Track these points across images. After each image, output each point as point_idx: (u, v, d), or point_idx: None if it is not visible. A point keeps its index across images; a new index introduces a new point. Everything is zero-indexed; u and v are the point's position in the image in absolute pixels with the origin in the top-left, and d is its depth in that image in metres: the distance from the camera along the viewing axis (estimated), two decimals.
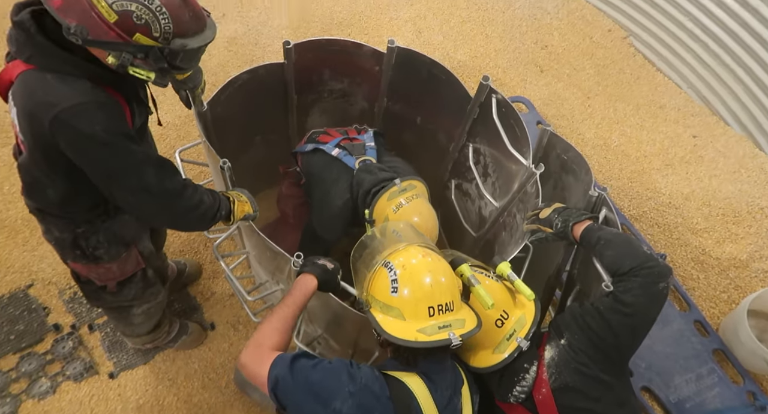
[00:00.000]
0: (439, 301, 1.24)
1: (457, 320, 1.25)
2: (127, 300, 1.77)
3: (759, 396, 2.20)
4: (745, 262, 2.56)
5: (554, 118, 3.17)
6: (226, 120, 2.19)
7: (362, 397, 1.16)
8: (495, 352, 1.37)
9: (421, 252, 1.33)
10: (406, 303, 1.25)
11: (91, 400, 2.09)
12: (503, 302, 1.42)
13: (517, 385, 1.36)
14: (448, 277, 1.30)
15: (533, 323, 1.39)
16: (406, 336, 1.21)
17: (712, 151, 3.00)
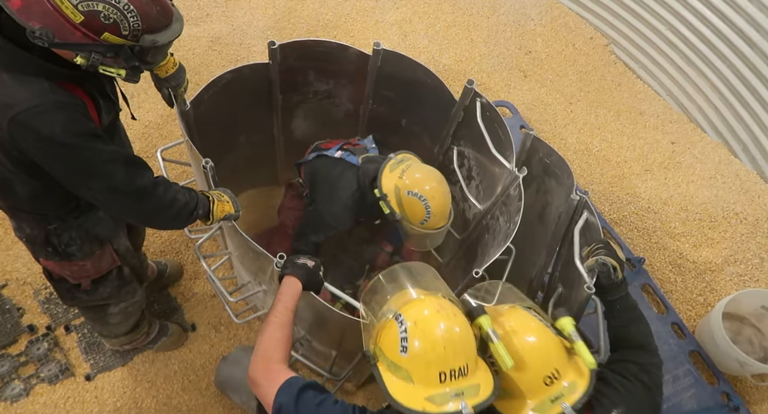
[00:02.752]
0: (453, 365, 1.13)
1: (471, 386, 1.13)
2: (103, 299, 1.73)
3: (733, 396, 2.25)
4: (720, 265, 2.62)
5: (537, 122, 3.22)
6: (209, 119, 2.17)
7: None
8: (535, 410, 1.21)
9: (435, 305, 1.21)
10: (415, 365, 1.14)
11: (66, 402, 2.04)
12: (557, 359, 1.26)
13: None
14: (464, 336, 1.18)
15: (585, 394, 1.22)
16: (413, 405, 1.11)
17: (689, 157, 3.07)
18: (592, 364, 1.23)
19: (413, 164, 1.94)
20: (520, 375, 1.22)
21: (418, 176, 1.88)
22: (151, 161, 2.74)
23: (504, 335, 1.25)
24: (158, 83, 1.80)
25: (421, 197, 1.84)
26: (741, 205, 2.82)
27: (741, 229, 2.73)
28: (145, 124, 2.89)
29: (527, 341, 1.25)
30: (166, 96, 1.82)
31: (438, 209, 1.86)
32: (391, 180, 1.90)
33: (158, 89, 1.83)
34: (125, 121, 2.84)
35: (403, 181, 1.87)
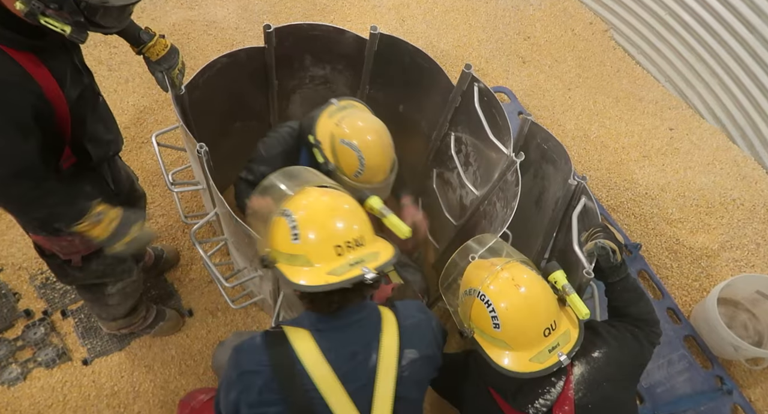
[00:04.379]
0: (346, 237, 1.16)
1: (370, 254, 1.17)
2: (97, 276, 1.72)
3: (726, 380, 2.27)
4: (716, 251, 2.63)
5: (535, 108, 3.20)
6: (204, 104, 2.15)
7: (244, 379, 1.18)
8: (532, 360, 1.28)
9: (318, 192, 1.24)
10: (310, 247, 1.15)
11: (63, 386, 2.05)
12: (555, 310, 1.34)
13: (540, 398, 1.30)
14: (353, 211, 1.23)
15: (577, 343, 1.31)
16: (316, 281, 1.12)
17: (687, 143, 3.07)
18: (586, 314, 1.31)
19: (355, 112, 1.80)
20: (524, 327, 1.28)
21: (355, 125, 1.74)
22: (146, 146, 2.75)
23: (509, 288, 1.31)
24: (151, 67, 1.78)
25: (355, 147, 1.70)
26: (738, 191, 2.82)
27: (738, 215, 2.73)
28: (139, 109, 2.87)
29: (531, 294, 1.30)
30: (160, 80, 1.80)
31: (373, 162, 1.72)
32: (328, 127, 1.77)
33: (151, 73, 1.81)
34: (120, 106, 2.86)
35: (339, 129, 1.73)
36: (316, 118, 1.81)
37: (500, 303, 1.29)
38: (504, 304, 1.29)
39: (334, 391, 1.16)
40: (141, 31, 1.69)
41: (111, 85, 2.93)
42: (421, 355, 1.27)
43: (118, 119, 2.76)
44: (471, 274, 1.42)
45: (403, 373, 1.23)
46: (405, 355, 1.24)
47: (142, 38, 1.68)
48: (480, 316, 1.32)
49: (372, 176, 1.76)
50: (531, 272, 1.37)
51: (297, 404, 1.16)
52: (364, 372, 1.20)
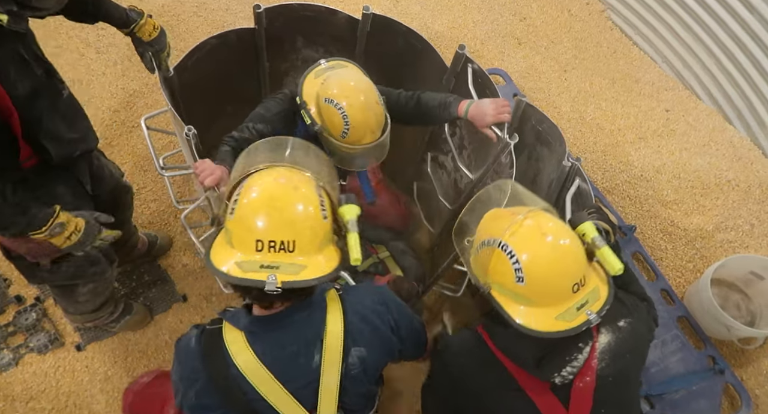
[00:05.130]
0: (273, 237, 1.04)
1: (290, 264, 1.05)
2: (67, 278, 1.66)
3: (718, 360, 2.29)
4: (710, 232, 2.63)
5: (531, 91, 3.16)
6: (194, 87, 2.12)
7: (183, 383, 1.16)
8: (558, 318, 1.13)
9: (274, 173, 1.13)
10: (236, 227, 1.07)
11: (56, 371, 2.05)
12: (585, 265, 1.18)
13: (568, 365, 1.17)
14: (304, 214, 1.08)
15: (607, 301, 1.17)
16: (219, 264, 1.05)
17: (683, 124, 3.05)
18: (620, 269, 1.16)
19: (340, 71, 1.74)
20: (551, 281, 1.14)
21: (340, 83, 1.68)
22: (137, 131, 2.71)
23: (534, 237, 1.16)
24: (139, 48, 1.74)
25: (338, 106, 1.64)
26: (734, 172, 2.81)
27: (733, 196, 2.73)
28: (129, 93, 2.82)
29: (559, 243, 1.16)
30: (148, 61, 1.76)
31: (358, 121, 1.66)
32: (313, 86, 1.73)
33: (139, 55, 1.77)
34: (109, 89, 2.81)
35: (323, 88, 1.68)
36: (303, 79, 1.77)
37: (524, 253, 1.14)
38: (529, 255, 1.14)
39: (275, 392, 1.14)
40: (128, 11, 1.65)
41: (99, 68, 2.89)
42: (371, 352, 1.22)
43: (107, 103, 2.79)
44: (488, 224, 1.26)
45: (352, 371, 1.19)
46: (351, 353, 1.19)
47: (131, 17, 1.64)
48: (500, 270, 1.17)
49: (359, 137, 1.70)
50: (557, 221, 1.21)
51: (237, 408, 1.15)
52: (307, 372, 1.16)
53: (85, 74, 2.86)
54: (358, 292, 1.29)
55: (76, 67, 2.87)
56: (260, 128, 1.80)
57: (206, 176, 1.52)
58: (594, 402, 1.16)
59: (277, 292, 1.01)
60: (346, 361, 1.18)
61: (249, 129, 1.80)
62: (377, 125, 1.73)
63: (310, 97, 1.73)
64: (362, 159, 1.81)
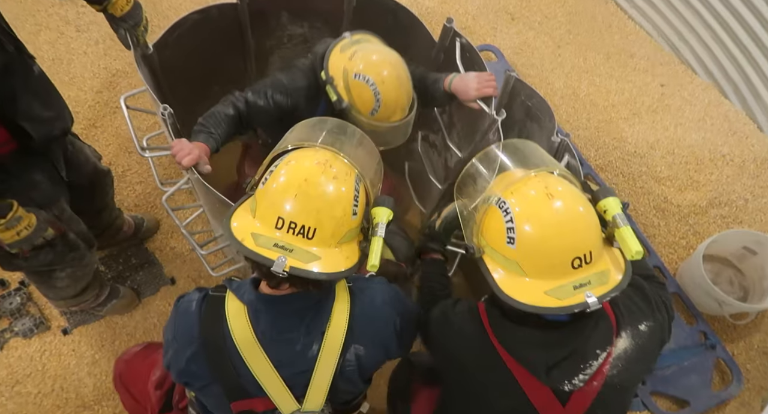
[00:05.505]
0: (297, 219, 1.01)
1: (305, 252, 1.01)
2: (45, 265, 1.63)
3: (710, 335, 2.28)
4: (704, 208, 2.60)
5: (524, 67, 3.10)
6: (177, 66, 2.06)
7: (177, 342, 1.15)
8: (549, 293, 1.00)
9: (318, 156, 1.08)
10: (261, 199, 1.07)
11: (42, 355, 2.03)
12: (594, 240, 1.02)
13: (581, 373, 1.06)
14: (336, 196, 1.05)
15: (617, 288, 1.01)
16: (238, 235, 1.03)
17: (678, 99, 3.00)
18: (638, 252, 0.99)
19: (369, 46, 1.64)
20: (545, 247, 1.00)
21: (370, 58, 1.57)
22: (121, 112, 2.64)
23: (537, 196, 1.03)
24: (113, 23, 1.68)
25: (370, 81, 1.54)
26: (728, 147, 2.78)
27: (727, 171, 2.70)
28: (112, 73, 2.76)
29: (564, 207, 1.01)
30: (123, 37, 1.70)
31: (390, 98, 1.57)
32: (341, 61, 1.61)
33: (114, 31, 1.71)
34: (91, 69, 2.74)
35: (352, 63, 1.57)
36: (328, 53, 1.65)
37: (520, 212, 1.01)
38: (525, 214, 1.01)
39: (266, 373, 1.12)
40: None
41: (80, 46, 2.81)
42: (370, 351, 1.19)
43: (89, 83, 2.72)
44: (496, 183, 1.15)
45: (347, 367, 1.16)
46: (351, 350, 1.16)
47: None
48: (492, 227, 1.06)
49: (390, 114, 1.62)
50: (572, 187, 1.07)
51: (225, 380, 1.13)
52: (302, 361, 1.13)
53: (66, 53, 2.78)
54: (371, 288, 1.25)
55: (55, 46, 2.79)
56: (279, 100, 1.68)
57: (183, 156, 1.47)
58: (593, 403, 1.09)
59: (283, 275, 0.98)
60: (344, 357, 1.15)
61: (267, 97, 1.69)
62: (408, 102, 1.65)
63: (337, 71, 1.61)
64: (388, 137, 1.70)
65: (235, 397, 1.15)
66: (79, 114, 2.64)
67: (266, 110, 1.70)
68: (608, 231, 1.07)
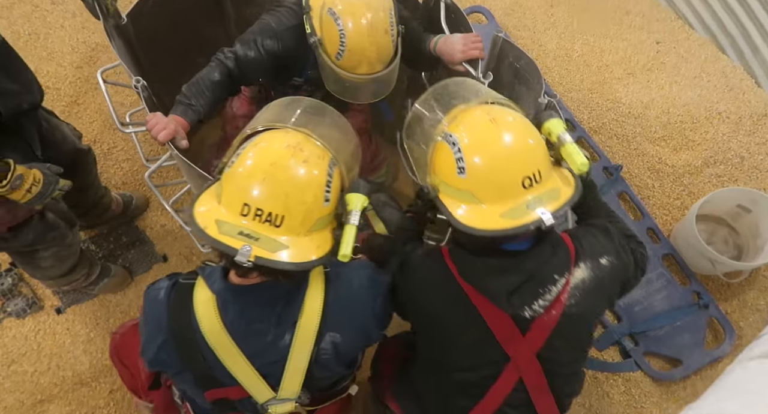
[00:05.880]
0: (261, 205, 0.98)
1: (273, 241, 0.97)
2: (26, 245, 1.60)
3: (703, 295, 2.28)
4: (699, 168, 2.57)
5: (515, 28, 3.01)
6: (155, 37, 1.99)
7: (147, 329, 1.14)
8: (504, 216, 1.02)
9: (288, 138, 1.03)
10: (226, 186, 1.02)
11: (36, 335, 2.04)
12: (541, 159, 1.06)
13: (541, 299, 1.10)
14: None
15: (568, 202, 1.05)
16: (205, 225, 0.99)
17: (674, 56, 2.91)
18: (583, 164, 1.04)
19: None
20: (494, 170, 1.03)
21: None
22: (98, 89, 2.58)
23: (480, 123, 1.05)
24: None
25: (339, 21, 1.42)
26: (725, 104, 2.71)
27: (723, 129, 2.64)
28: (91, 47, 2.69)
29: (507, 129, 1.04)
30: (91, 6, 1.64)
31: (354, 45, 1.44)
32: None
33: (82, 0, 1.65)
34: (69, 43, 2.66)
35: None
36: None
37: (466, 140, 1.03)
38: (471, 141, 1.03)
39: (238, 363, 1.09)
40: None
41: (57, 20, 2.73)
42: (347, 338, 1.15)
43: (68, 58, 2.65)
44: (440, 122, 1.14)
45: (322, 356, 1.13)
46: (326, 338, 1.12)
47: None
48: (442, 162, 1.07)
49: (354, 63, 1.49)
50: (514, 112, 1.11)
51: (196, 370, 1.11)
52: (274, 351, 1.10)
53: (42, 27, 2.70)
54: (348, 272, 1.20)
55: (31, 20, 2.71)
56: (269, 45, 1.57)
57: (158, 131, 1.43)
58: (552, 333, 1.12)
59: (248, 265, 0.94)
60: (319, 345, 1.12)
61: (257, 46, 1.58)
62: (377, 56, 1.50)
63: (316, 2, 1.50)
64: (354, 91, 1.59)
65: (207, 387, 1.14)
66: (60, 90, 2.58)
67: (258, 61, 1.60)
68: (555, 152, 1.11)
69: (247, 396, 1.14)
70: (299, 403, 1.19)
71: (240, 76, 1.61)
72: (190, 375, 1.13)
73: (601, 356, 2.20)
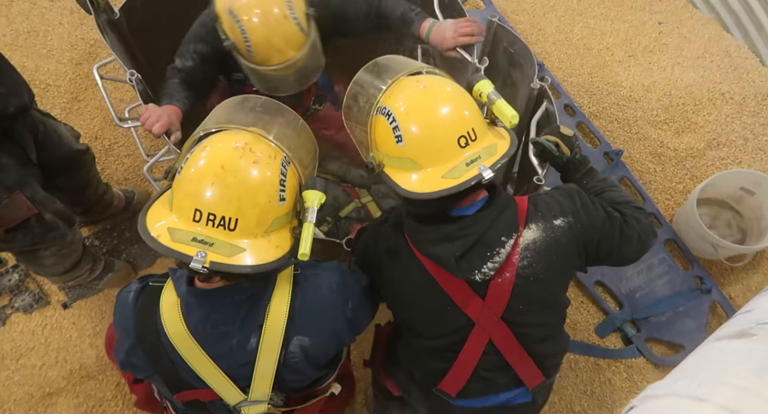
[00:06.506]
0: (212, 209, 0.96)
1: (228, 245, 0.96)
2: (26, 245, 1.63)
3: (706, 280, 2.26)
4: (701, 151, 2.53)
5: (513, 13, 2.97)
6: (150, 32, 1.99)
7: (117, 333, 1.14)
8: (446, 176, 1.05)
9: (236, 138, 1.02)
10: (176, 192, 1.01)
11: (44, 329, 2.08)
12: (474, 118, 1.10)
13: (489, 261, 1.11)
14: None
15: (505, 155, 1.09)
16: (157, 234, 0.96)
17: (677, 37, 2.86)
18: (513, 116, 1.09)
19: None
20: (429, 133, 1.06)
21: None
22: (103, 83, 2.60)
23: (411, 91, 1.09)
24: None
25: (236, 18, 1.41)
26: (728, 84, 2.66)
27: (726, 110, 2.60)
28: (90, 43, 2.70)
29: (437, 92, 1.09)
30: (82, 2, 1.64)
31: (258, 38, 1.42)
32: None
33: None
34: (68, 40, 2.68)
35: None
36: None
37: (400, 108, 1.07)
38: (404, 108, 1.07)
39: (205, 366, 1.08)
40: None
41: (55, 17, 2.74)
42: (317, 341, 1.13)
43: (67, 55, 2.67)
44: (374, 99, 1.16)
45: (291, 359, 1.11)
46: (293, 341, 1.10)
47: None
48: (381, 135, 1.11)
49: (264, 56, 1.48)
50: (444, 79, 1.15)
51: (165, 373, 1.11)
52: (241, 354, 1.08)
53: (41, 24, 2.72)
54: (317, 275, 1.17)
55: (29, 17, 2.72)
56: (201, 49, 1.61)
57: (152, 124, 1.44)
58: (512, 295, 1.14)
59: (204, 271, 0.93)
60: (286, 349, 1.10)
61: (190, 54, 1.61)
62: (285, 43, 1.47)
63: (221, 8, 1.46)
64: (276, 83, 1.57)
65: (177, 389, 1.14)
66: (60, 88, 2.60)
67: (196, 68, 1.63)
68: (488, 111, 1.15)
69: (218, 398, 1.14)
70: (272, 404, 1.18)
71: (192, 82, 1.66)
72: (159, 378, 1.13)
73: (603, 343, 2.20)
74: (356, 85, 1.19)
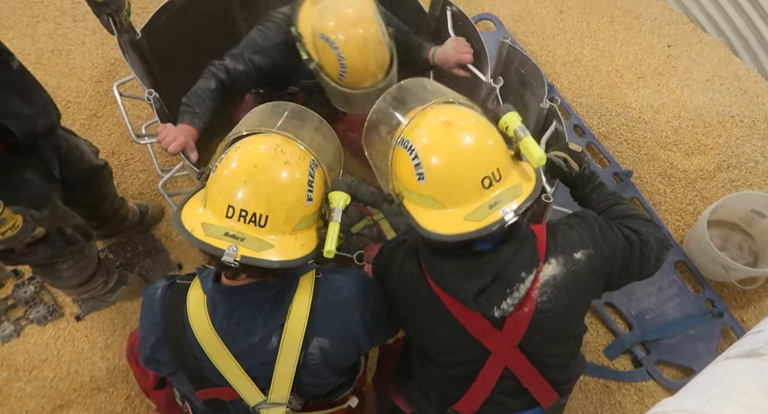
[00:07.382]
0: (244, 206, 1.01)
1: (258, 240, 1.01)
2: (45, 259, 1.66)
3: (717, 303, 2.24)
4: (712, 172, 2.53)
5: (524, 35, 3.02)
6: (169, 51, 2.06)
7: (143, 328, 1.17)
8: (468, 218, 1.01)
9: (269, 140, 1.08)
10: (211, 189, 1.06)
11: (57, 341, 2.11)
12: (500, 157, 1.05)
13: (509, 298, 1.08)
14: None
15: (530, 197, 1.03)
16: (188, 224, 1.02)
17: (686, 60, 2.89)
18: (541, 158, 1.03)
19: (341, 0, 1.48)
20: (453, 173, 1.02)
21: (338, 16, 1.43)
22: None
23: (434, 125, 1.05)
24: (95, 8, 1.68)
25: (333, 45, 1.43)
26: (738, 107, 2.68)
27: (736, 133, 2.61)
28: (110, 62, 2.78)
29: (462, 129, 1.03)
30: (106, 23, 1.70)
31: (355, 63, 1.45)
32: (310, 17, 1.49)
33: (97, 15, 1.72)
34: (89, 59, 2.76)
35: (320, 21, 1.45)
36: (299, 6, 1.55)
37: (422, 144, 1.03)
38: (426, 145, 1.02)
39: (228, 364, 1.12)
40: None
41: (78, 37, 2.83)
42: (335, 345, 1.15)
43: (88, 73, 2.75)
44: (397, 128, 1.14)
45: (310, 361, 1.14)
46: (312, 343, 1.13)
47: None
48: (402, 169, 1.07)
49: (358, 80, 1.51)
50: (469, 110, 1.10)
51: (188, 369, 1.14)
52: (262, 352, 1.11)
53: (64, 44, 2.81)
54: (339, 280, 1.21)
55: (54, 37, 2.82)
56: (257, 60, 1.62)
57: (169, 143, 1.48)
58: (529, 329, 1.12)
59: (235, 265, 0.97)
60: (306, 350, 1.13)
61: (245, 60, 1.62)
62: (378, 67, 1.51)
63: (306, 29, 1.50)
64: (362, 103, 1.57)
65: (200, 386, 1.16)
66: (81, 104, 2.68)
67: (247, 73, 1.65)
68: (514, 146, 1.09)
69: (238, 398, 1.16)
70: (291, 408, 1.20)
71: (232, 86, 1.68)
72: (183, 374, 1.16)
73: (612, 364, 2.18)
74: (378, 113, 1.18)
